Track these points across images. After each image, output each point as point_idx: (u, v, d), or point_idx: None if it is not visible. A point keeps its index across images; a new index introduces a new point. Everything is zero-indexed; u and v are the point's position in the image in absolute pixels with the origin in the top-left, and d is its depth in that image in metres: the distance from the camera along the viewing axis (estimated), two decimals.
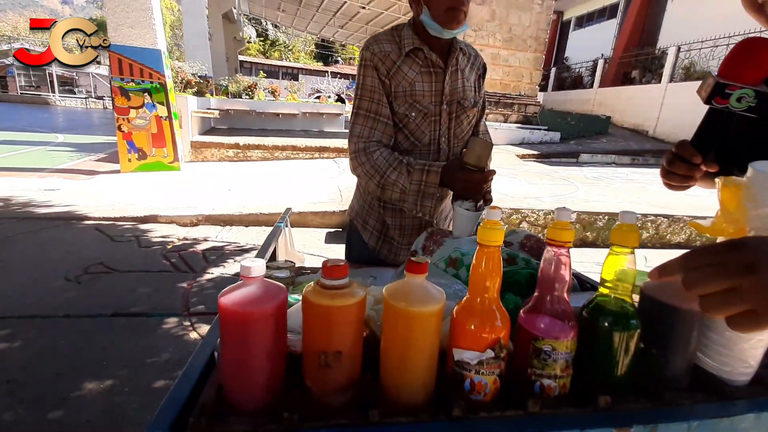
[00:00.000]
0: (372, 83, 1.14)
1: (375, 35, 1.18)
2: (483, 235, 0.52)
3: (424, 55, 1.15)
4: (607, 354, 0.55)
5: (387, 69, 1.14)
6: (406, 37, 1.15)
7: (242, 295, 0.47)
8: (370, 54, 1.14)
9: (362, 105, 1.16)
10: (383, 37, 1.17)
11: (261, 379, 0.48)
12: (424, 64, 1.16)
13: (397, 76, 1.14)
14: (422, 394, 0.51)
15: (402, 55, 1.14)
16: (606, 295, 0.57)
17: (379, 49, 1.14)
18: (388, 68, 1.14)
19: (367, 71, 1.15)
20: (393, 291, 0.52)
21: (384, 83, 1.14)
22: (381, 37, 1.17)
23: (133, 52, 6.04)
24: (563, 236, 0.53)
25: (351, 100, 6.17)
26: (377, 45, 1.15)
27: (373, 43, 1.15)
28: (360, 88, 1.16)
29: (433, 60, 1.15)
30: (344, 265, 0.49)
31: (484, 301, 0.53)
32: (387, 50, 1.14)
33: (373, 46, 1.15)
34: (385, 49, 1.14)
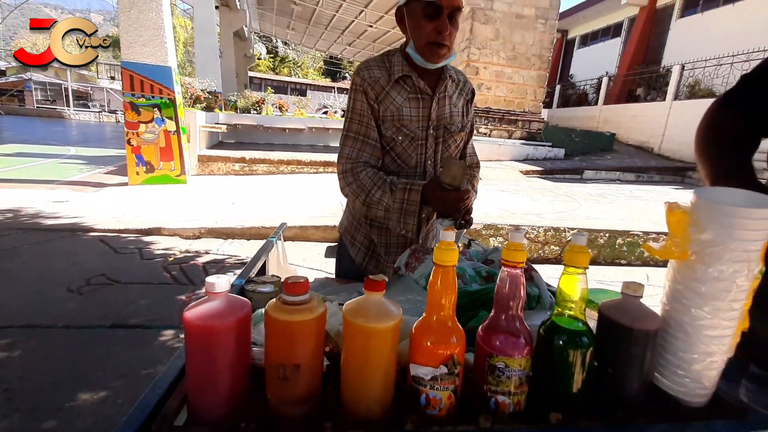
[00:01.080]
0: (361, 107, 1.19)
1: (366, 61, 1.23)
2: (438, 255, 0.55)
3: (413, 82, 1.19)
4: (560, 371, 0.57)
5: (376, 94, 1.18)
6: (396, 63, 1.19)
7: (206, 310, 0.50)
8: (360, 79, 1.18)
9: (352, 127, 1.20)
10: (374, 63, 1.21)
11: (222, 390, 0.50)
12: (412, 91, 1.20)
13: (385, 101, 1.18)
14: (379, 407, 0.54)
15: (391, 81, 1.18)
16: (560, 313, 0.60)
17: (369, 75, 1.18)
18: (377, 93, 1.18)
19: (357, 95, 1.19)
20: (352, 308, 0.55)
21: (373, 107, 1.18)
22: (372, 62, 1.21)
23: (144, 69, 6.23)
24: (516, 257, 0.56)
25: None
26: (367, 71, 1.19)
27: (363, 68, 1.20)
28: (350, 111, 1.21)
29: (420, 87, 1.19)
30: (304, 282, 0.52)
31: (440, 319, 0.55)
32: (377, 76, 1.18)
33: (363, 71, 1.19)
34: (374, 75, 1.18)
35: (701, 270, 0.54)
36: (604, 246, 4.24)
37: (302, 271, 3.38)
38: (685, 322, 0.57)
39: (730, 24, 11.61)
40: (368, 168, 1.18)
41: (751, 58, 9.76)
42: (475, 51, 10.20)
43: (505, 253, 0.57)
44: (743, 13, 11.41)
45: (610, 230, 4.30)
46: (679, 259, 0.56)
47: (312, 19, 19.35)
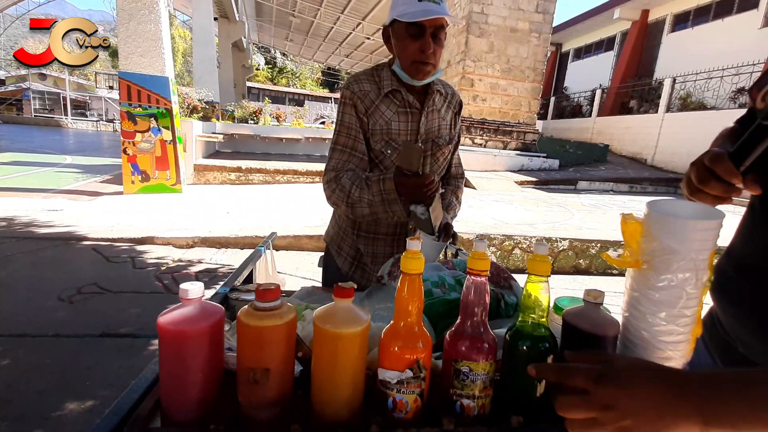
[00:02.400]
0: (350, 120, 1.21)
1: (356, 75, 1.25)
2: (405, 263, 0.57)
3: (402, 96, 1.21)
4: (523, 376, 0.59)
5: (365, 107, 1.20)
6: (385, 78, 1.22)
7: (179, 315, 0.52)
8: (350, 93, 1.21)
9: (339, 140, 1.22)
10: (363, 77, 1.24)
11: (194, 394, 0.52)
12: (401, 105, 1.22)
13: (374, 115, 1.21)
14: (346, 411, 0.56)
15: (381, 95, 1.21)
16: (524, 320, 0.62)
17: (359, 89, 1.20)
18: (367, 107, 1.20)
19: (346, 108, 1.21)
20: (321, 314, 0.57)
21: (362, 121, 1.21)
22: (362, 77, 1.24)
23: (141, 79, 6.28)
24: (480, 265, 0.58)
25: None
26: (357, 84, 1.21)
27: (353, 82, 1.22)
28: (339, 125, 1.23)
29: (410, 101, 1.22)
30: (275, 289, 0.54)
31: (406, 325, 0.57)
32: (366, 89, 1.21)
33: (353, 85, 1.21)
34: (364, 89, 1.20)
35: (653, 278, 0.57)
36: (595, 256, 4.27)
37: (294, 280, 3.39)
38: (641, 328, 0.60)
39: (720, 39, 11.85)
40: (349, 172, 1.19)
41: (740, 72, 9.96)
42: (470, 63, 10.35)
43: (470, 262, 0.59)
44: (733, 28, 11.67)
45: (602, 240, 4.34)
46: (633, 267, 0.59)
47: (310, 30, 19.61)
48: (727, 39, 11.57)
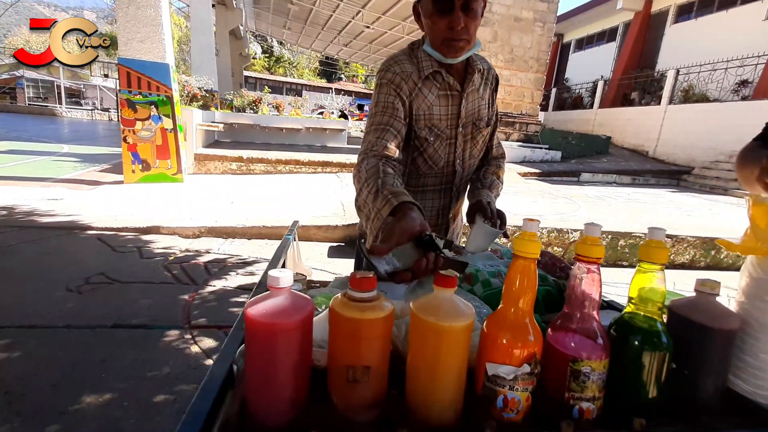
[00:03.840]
0: (386, 99, 1.10)
1: (394, 56, 1.15)
2: (520, 246, 0.51)
3: (443, 78, 1.13)
4: (638, 374, 0.54)
5: (410, 89, 1.11)
6: (424, 59, 1.13)
7: (272, 306, 0.45)
8: (392, 74, 1.11)
9: (374, 120, 1.11)
10: (403, 57, 1.14)
11: (286, 394, 0.46)
12: (442, 87, 1.14)
13: (418, 98, 1.12)
14: (452, 412, 0.50)
15: (422, 78, 1.12)
16: (634, 312, 0.56)
17: (400, 69, 1.11)
18: (411, 89, 1.11)
19: (383, 89, 1.11)
20: (422, 305, 0.51)
21: (404, 102, 1.10)
22: (401, 57, 1.14)
23: (141, 66, 6.13)
24: (594, 252, 0.52)
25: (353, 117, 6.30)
26: (398, 65, 1.12)
27: (394, 63, 1.13)
28: (374, 106, 1.13)
29: (450, 83, 1.14)
30: (373, 278, 0.48)
31: (518, 314, 0.51)
32: (408, 70, 1.11)
33: (394, 66, 1.12)
34: (407, 69, 1.11)
35: None
36: (606, 248, 4.24)
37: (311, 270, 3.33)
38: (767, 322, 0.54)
39: (724, 30, 11.77)
40: (372, 158, 1.00)
41: (745, 63, 9.90)
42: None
43: (581, 248, 0.53)
44: (737, 20, 11.58)
45: (612, 232, 4.30)
46: (763, 255, 0.53)
47: (308, 19, 19.28)
48: (731, 30, 11.48)
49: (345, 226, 4.25)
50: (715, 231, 4.71)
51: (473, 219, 1.16)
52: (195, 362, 2.04)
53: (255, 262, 3.48)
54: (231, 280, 3.08)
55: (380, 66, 1.17)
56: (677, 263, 4.36)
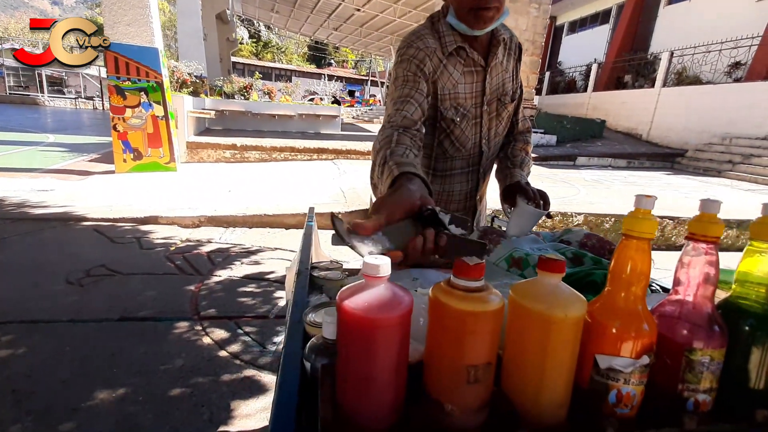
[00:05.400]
0: (406, 74, 1.01)
1: (415, 31, 1.07)
2: (632, 225, 0.46)
3: (467, 54, 1.05)
4: (751, 362, 0.50)
5: (434, 66, 1.03)
6: (446, 33, 1.04)
7: (370, 298, 0.40)
8: (415, 50, 1.02)
9: (394, 96, 1.03)
10: (425, 32, 1.05)
11: (389, 396, 0.41)
12: (466, 64, 1.06)
13: (443, 77, 1.05)
14: (564, 411, 0.45)
15: (446, 54, 1.04)
16: (743, 295, 0.52)
17: (424, 45, 1.02)
18: (435, 66, 1.03)
19: (403, 64, 1.02)
20: (525, 292, 0.45)
21: (427, 78, 1.02)
22: (423, 32, 1.05)
23: (129, 51, 5.90)
24: (712, 231, 0.47)
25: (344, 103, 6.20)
26: (421, 41, 1.03)
27: (416, 39, 1.04)
28: (394, 83, 1.05)
29: (475, 59, 1.06)
30: (482, 263, 0.42)
31: (628, 301, 0.46)
32: (432, 46, 1.02)
33: (417, 41, 1.03)
34: (430, 45, 1.02)
35: None
36: (609, 230, 4.25)
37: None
38: None
39: (717, 12, 11.73)
40: (389, 129, 0.92)
41: (739, 45, 9.91)
42: None
43: (695, 226, 0.48)
44: (730, 1, 11.54)
45: (615, 214, 4.31)
46: None
47: (297, 2, 18.79)
48: (724, 12, 11.45)
49: (348, 213, 4.19)
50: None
51: (513, 201, 1.10)
52: (208, 354, 1.99)
53: (259, 251, 3.41)
54: (236, 269, 3.01)
55: (401, 42, 1.09)
56: (678, 244, 4.39)
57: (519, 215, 1.05)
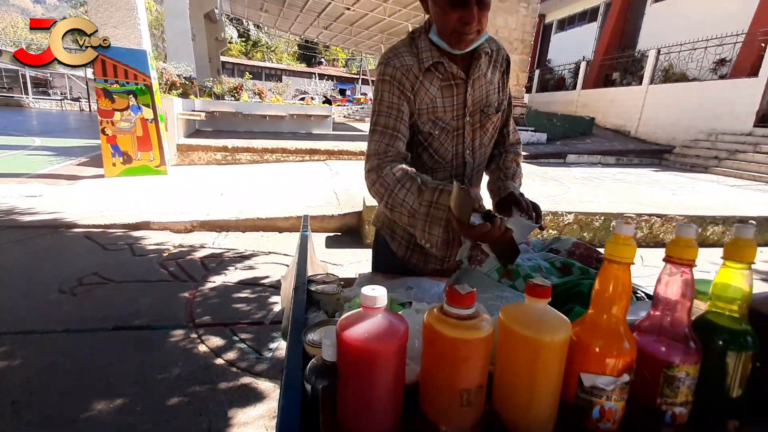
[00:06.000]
0: (390, 99, 1.07)
1: (393, 48, 1.10)
2: (613, 250, 0.49)
3: (444, 68, 1.08)
4: (724, 375, 0.53)
5: (411, 84, 1.06)
6: (424, 49, 1.07)
7: (368, 329, 0.42)
8: (392, 69, 1.06)
9: (380, 121, 1.08)
10: (403, 49, 1.09)
11: (387, 419, 0.44)
12: (444, 77, 1.09)
13: (420, 92, 1.08)
14: (550, 425, 0.48)
15: (422, 70, 1.07)
16: (718, 311, 0.56)
17: (400, 63, 1.06)
18: (412, 83, 1.07)
19: (385, 86, 1.07)
20: (514, 316, 0.48)
21: (408, 99, 1.07)
22: (400, 49, 1.09)
23: (117, 53, 5.84)
24: (688, 254, 0.51)
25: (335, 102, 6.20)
26: (398, 59, 1.07)
27: (393, 56, 1.08)
28: (378, 104, 1.09)
29: (453, 72, 1.08)
30: (473, 292, 0.45)
31: (611, 322, 0.50)
32: (409, 64, 1.06)
33: (394, 60, 1.07)
34: (406, 63, 1.06)
35: None
36: (599, 228, 4.32)
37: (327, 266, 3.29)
38: None
39: (702, 9, 11.91)
40: (394, 164, 1.02)
41: (724, 42, 10.08)
42: None
43: (673, 250, 0.52)
44: None
45: (605, 213, 4.38)
46: None
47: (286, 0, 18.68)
48: (710, 9, 11.64)
49: (341, 215, 4.21)
50: (699, 209, 4.85)
51: (509, 212, 1.13)
52: (205, 362, 2.00)
53: (253, 256, 3.42)
54: (230, 275, 3.01)
55: (380, 57, 1.12)
56: (666, 241, 4.47)
57: (512, 226, 1.09)
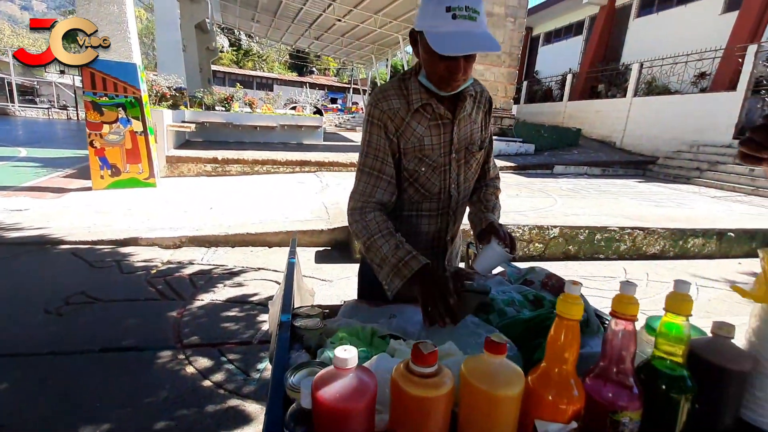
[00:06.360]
0: (378, 141, 1.14)
1: (383, 89, 1.17)
2: (563, 308, 0.54)
3: (432, 109, 1.14)
4: (665, 416, 0.58)
5: (396, 127, 1.13)
6: (413, 91, 1.13)
7: (341, 389, 0.47)
8: (379, 112, 1.13)
9: (367, 162, 1.16)
10: (391, 91, 1.15)
11: None
12: (432, 118, 1.15)
13: (406, 133, 1.14)
14: None
15: (411, 111, 1.13)
16: (661, 358, 0.61)
17: (388, 107, 1.13)
18: (397, 126, 1.13)
19: (373, 129, 1.14)
20: (473, 370, 0.53)
21: (392, 141, 1.14)
22: (389, 92, 1.15)
23: (106, 66, 5.84)
24: (630, 310, 0.56)
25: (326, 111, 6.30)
26: (386, 102, 1.13)
27: (381, 99, 1.14)
28: (366, 145, 1.16)
29: (441, 113, 1.15)
30: (436, 351, 0.50)
31: (562, 373, 0.55)
32: (396, 107, 1.13)
33: (381, 103, 1.13)
34: (393, 106, 1.13)
35: None
36: (584, 242, 4.42)
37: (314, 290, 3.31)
38: None
39: (683, 24, 12.31)
40: (377, 211, 1.14)
41: (704, 57, 10.41)
42: None
43: (618, 306, 0.57)
44: (695, 14, 12.14)
45: (589, 227, 4.48)
46: None
47: (278, 11, 18.82)
48: (690, 24, 12.03)
49: (330, 230, 4.24)
50: (680, 221, 4.98)
51: (488, 240, 1.19)
52: (192, 384, 2.01)
53: (242, 272, 3.44)
54: (219, 292, 3.03)
55: (370, 98, 1.18)
56: (649, 254, 4.59)
57: (489, 254, 1.15)
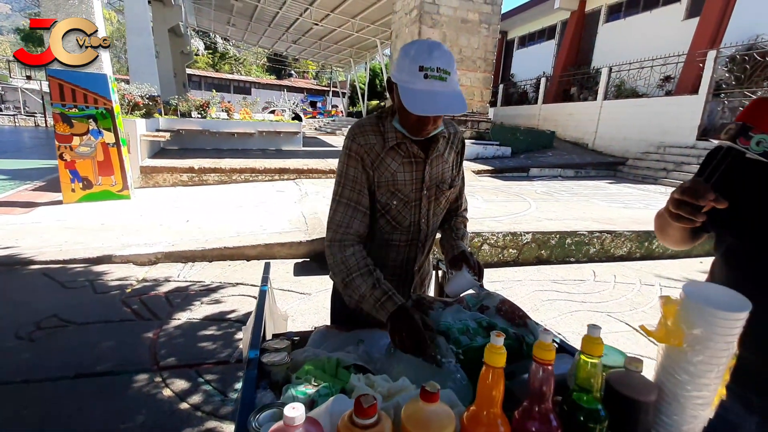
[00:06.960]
0: (355, 174, 1.21)
1: (360, 124, 1.24)
2: (489, 358, 0.62)
3: (407, 147, 1.21)
4: None
5: (372, 161, 1.21)
6: (389, 130, 1.21)
7: None
8: (357, 145, 1.20)
9: (344, 193, 1.22)
10: (369, 127, 1.22)
11: None
12: (406, 155, 1.23)
13: (380, 167, 1.21)
14: None
15: (386, 148, 1.21)
16: (580, 393, 0.70)
17: (365, 141, 1.20)
18: (373, 160, 1.21)
19: (351, 161, 1.21)
20: (410, 416, 0.61)
21: (368, 174, 1.21)
22: (366, 127, 1.22)
23: (75, 77, 5.72)
24: (547, 356, 0.64)
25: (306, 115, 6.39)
26: (363, 137, 1.21)
27: (359, 134, 1.21)
28: (343, 177, 1.22)
29: (414, 152, 1.22)
30: (375, 404, 0.57)
31: (490, 415, 0.63)
32: (372, 142, 1.21)
33: (359, 137, 1.21)
34: (370, 141, 1.20)
35: (691, 355, 0.66)
36: (555, 246, 4.58)
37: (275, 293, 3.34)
38: (678, 394, 0.69)
39: (649, 30, 12.81)
40: (356, 246, 1.20)
41: (668, 61, 10.86)
42: None
43: (538, 352, 0.65)
44: (660, 20, 12.64)
45: (560, 231, 4.65)
46: (675, 345, 0.68)
47: (254, 15, 18.69)
48: (655, 30, 12.53)
49: (309, 241, 4.28)
50: (646, 223, 5.21)
51: (459, 266, 1.27)
52: (169, 407, 2.03)
53: (219, 288, 3.44)
54: (196, 311, 3.03)
55: (349, 131, 1.25)
56: (617, 256, 4.80)
57: (459, 280, 1.24)
